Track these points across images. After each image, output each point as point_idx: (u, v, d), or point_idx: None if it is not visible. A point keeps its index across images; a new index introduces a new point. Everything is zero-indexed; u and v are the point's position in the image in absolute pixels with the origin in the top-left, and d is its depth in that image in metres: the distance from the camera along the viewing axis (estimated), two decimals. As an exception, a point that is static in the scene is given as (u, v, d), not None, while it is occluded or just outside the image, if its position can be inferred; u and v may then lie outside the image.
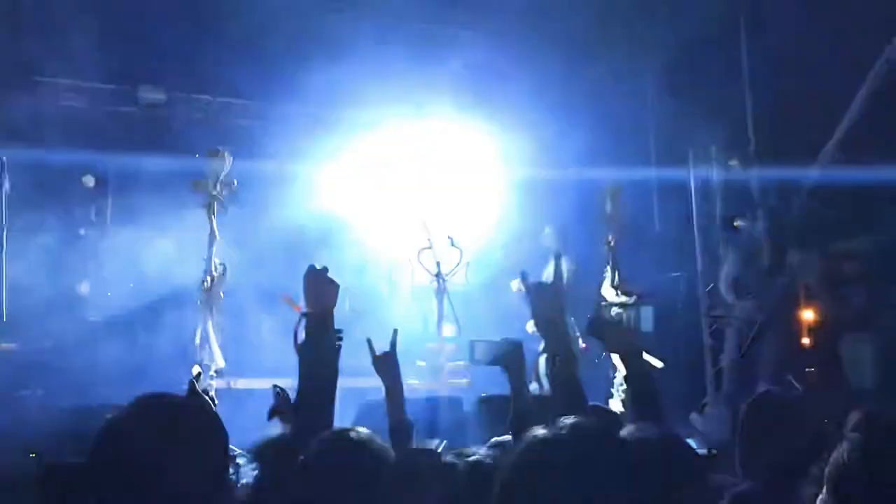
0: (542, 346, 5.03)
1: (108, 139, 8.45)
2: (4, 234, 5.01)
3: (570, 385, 2.60)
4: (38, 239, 8.41)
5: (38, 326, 7.47)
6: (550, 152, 9.05)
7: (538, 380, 6.34)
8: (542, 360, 5.95)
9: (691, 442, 2.86)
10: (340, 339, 2.64)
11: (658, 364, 6.82)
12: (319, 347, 2.58)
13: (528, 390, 3.02)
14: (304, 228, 8.23)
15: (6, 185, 6.60)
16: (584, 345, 6.05)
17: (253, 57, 8.02)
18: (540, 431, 1.52)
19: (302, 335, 2.58)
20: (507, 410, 2.80)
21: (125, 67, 8.30)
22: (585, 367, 4.15)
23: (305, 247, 8.10)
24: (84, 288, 7.96)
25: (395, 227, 8.06)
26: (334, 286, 2.65)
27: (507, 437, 2.70)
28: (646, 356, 6.66)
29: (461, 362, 6.68)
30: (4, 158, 5.87)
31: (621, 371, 6.56)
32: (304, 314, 2.59)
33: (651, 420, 2.50)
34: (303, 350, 2.58)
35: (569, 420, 1.53)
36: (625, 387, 6.57)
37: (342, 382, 7.13)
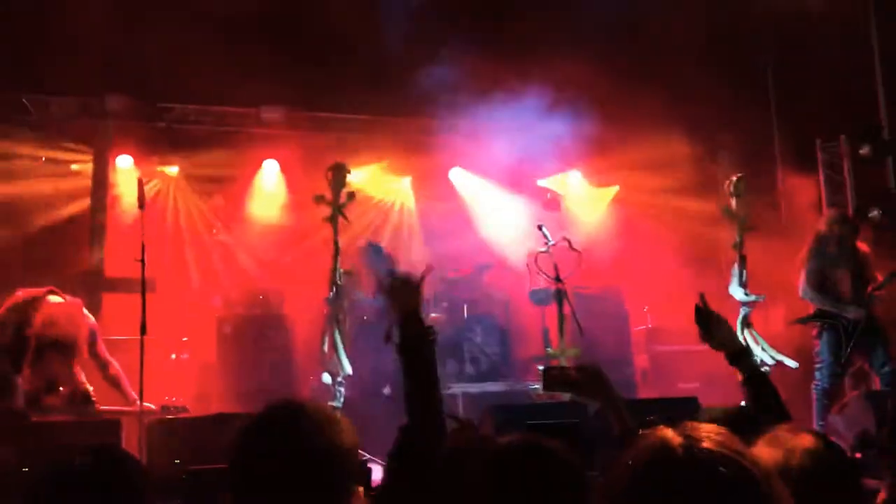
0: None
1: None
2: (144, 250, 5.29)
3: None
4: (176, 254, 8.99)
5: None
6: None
7: None
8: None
9: None
10: (434, 334, 2.62)
11: (793, 364, 6.55)
12: (416, 347, 2.53)
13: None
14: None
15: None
16: None
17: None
18: None
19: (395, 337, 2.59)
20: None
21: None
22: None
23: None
24: (217, 301, 8.35)
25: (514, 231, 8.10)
26: (417, 286, 2.61)
27: None
28: (780, 356, 6.43)
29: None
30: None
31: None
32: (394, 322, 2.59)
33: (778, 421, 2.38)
34: (403, 350, 2.58)
35: None
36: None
37: (466, 388, 7.18)
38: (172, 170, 9.31)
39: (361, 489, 1.83)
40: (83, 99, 8.70)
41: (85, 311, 5.88)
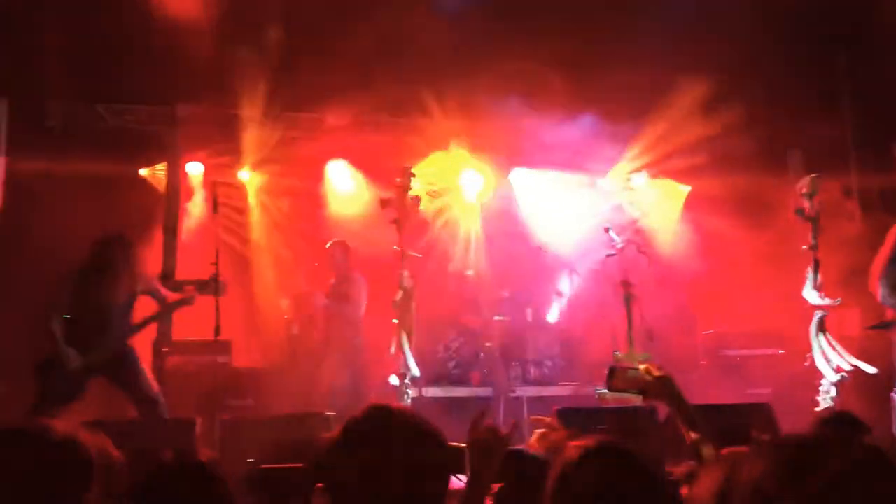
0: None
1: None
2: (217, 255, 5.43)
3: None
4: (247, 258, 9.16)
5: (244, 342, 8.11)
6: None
7: None
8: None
9: None
10: None
11: (871, 370, 6.33)
12: None
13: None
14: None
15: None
16: None
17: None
18: None
19: None
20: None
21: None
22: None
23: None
24: (284, 304, 8.48)
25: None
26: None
27: None
28: (857, 361, 6.23)
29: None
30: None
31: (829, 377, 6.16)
32: None
33: None
34: None
35: None
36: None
37: (530, 391, 7.13)
38: (242, 175, 9.51)
39: None
40: (155, 107, 8.96)
41: None
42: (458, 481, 2.48)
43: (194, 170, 9.21)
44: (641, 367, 2.80)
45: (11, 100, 7.79)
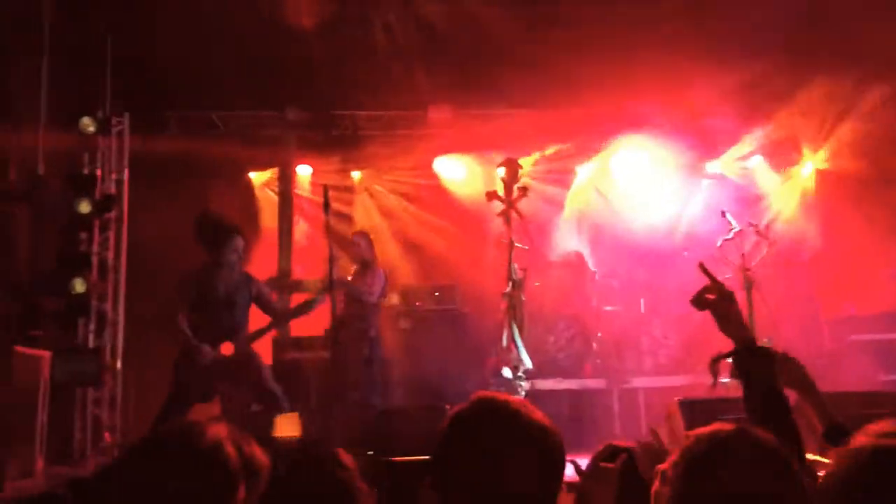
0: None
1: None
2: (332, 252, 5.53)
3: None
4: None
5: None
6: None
7: None
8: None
9: None
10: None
11: None
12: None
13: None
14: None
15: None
16: None
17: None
18: None
19: None
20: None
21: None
22: None
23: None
24: (395, 298, 8.59)
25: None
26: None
27: None
28: None
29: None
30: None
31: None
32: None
33: None
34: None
35: None
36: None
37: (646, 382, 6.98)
38: (354, 175, 9.72)
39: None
40: (265, 113, 9.26)
41: None
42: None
43: (304, 171, 9.48)
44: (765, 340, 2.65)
45: (133, 112, 8.19)
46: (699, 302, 2.39)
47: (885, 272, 7.80)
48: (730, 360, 2.44)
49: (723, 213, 6.56)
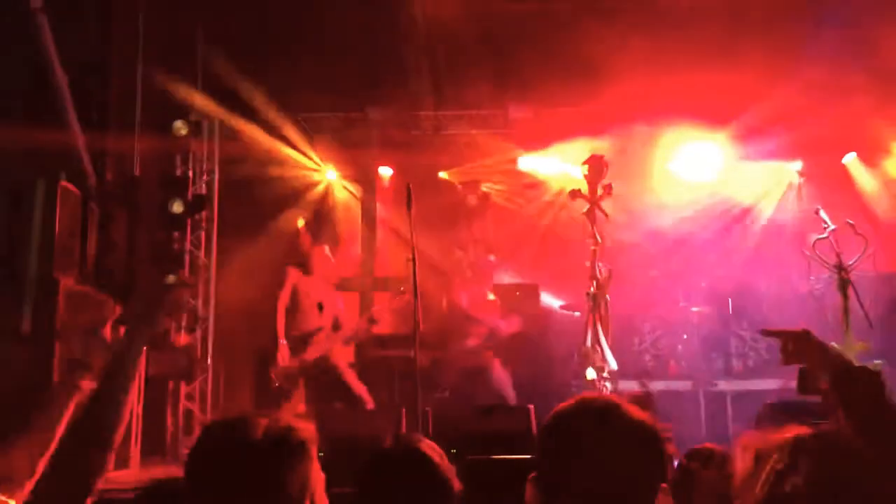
0: None
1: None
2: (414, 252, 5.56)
3: None
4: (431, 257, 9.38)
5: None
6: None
7: None
8: None
9: None
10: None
11: None
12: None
13: None
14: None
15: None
16: None
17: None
18: None
19: None
20: None
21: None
22: None
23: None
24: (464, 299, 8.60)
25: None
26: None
27: None
28: None
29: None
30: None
31: None
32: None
33: None
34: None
35: None
36: None
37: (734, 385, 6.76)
38: (426, 173, 9.77)
39: None
40: (348, 114, 9.40)
41: None
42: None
43: (386, 171, 9.59)
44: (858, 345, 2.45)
45: (223, 117, 8.44)
46: (787, 358, 2.30)
47: None
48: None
49: (816, 211, 6.30)
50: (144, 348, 2.13)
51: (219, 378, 8.26)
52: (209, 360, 8.11)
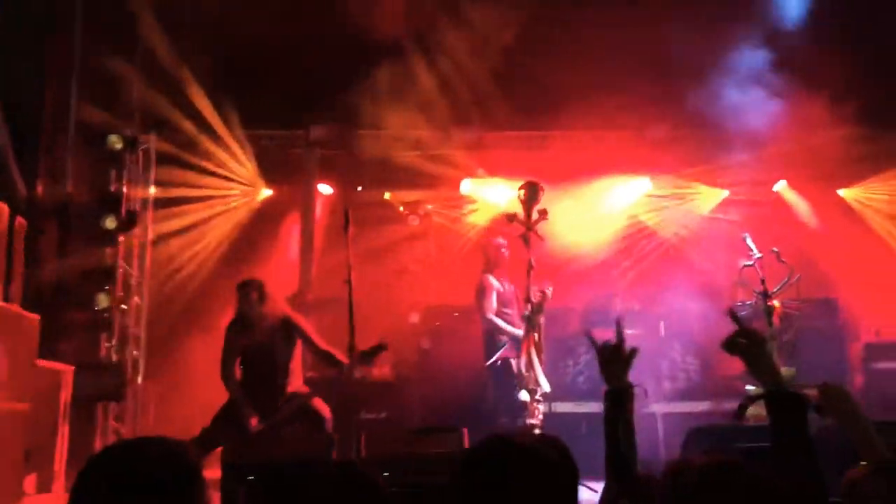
0: None
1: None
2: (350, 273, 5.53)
3: None
4: (372, 272, 9.38)
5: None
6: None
7: None
8: None
9: None
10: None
11: None
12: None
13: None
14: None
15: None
16: None
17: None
18: None
19: None
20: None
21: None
22: None
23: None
24: (415, 317, 8.62)
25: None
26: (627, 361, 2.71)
27: None
28: None
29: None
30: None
31: None
32: None
33: None
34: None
35: None
36: None
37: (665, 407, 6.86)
38: (371, 193, 9.78)
39: None
40: (290, 131, 9.36)
41: None
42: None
43: (326, 190, 9.56)
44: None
45: (159, 132, 8.33)
46: (731, 346, 2.40)
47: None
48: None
49: (744, 238, 6.50)
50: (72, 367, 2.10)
51: (149, 398, 8.09)
52: (140, 380, 7.94)
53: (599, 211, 9.59)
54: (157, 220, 8.41)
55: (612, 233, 9.48)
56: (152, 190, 8.33)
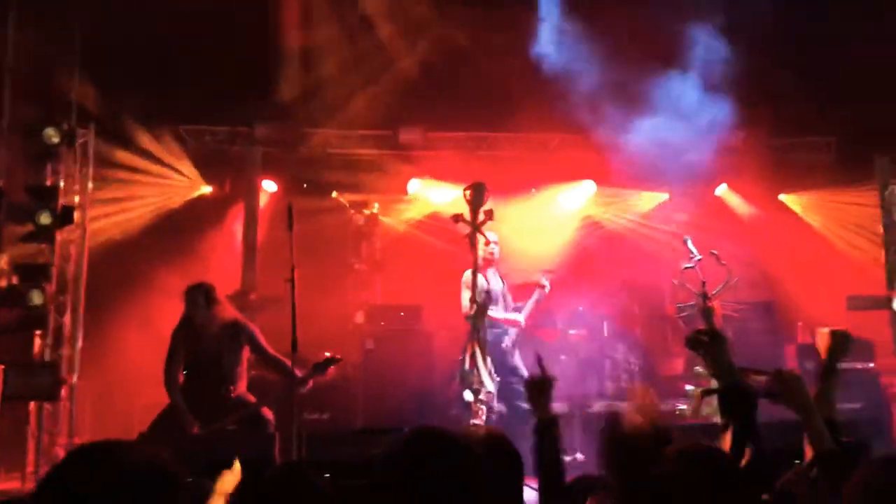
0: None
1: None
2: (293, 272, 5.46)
3: None
4: (316, 275, 9.29)
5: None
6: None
7: None
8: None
9: None
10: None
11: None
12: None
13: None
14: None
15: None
16: None
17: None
18: None
19: None
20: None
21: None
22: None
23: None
24: (360, 317, 8.56)
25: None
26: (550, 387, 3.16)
27: None
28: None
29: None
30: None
31: None
32: None
33: None
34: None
35: None
36: None
37: (607, 406, 6.93)
38: (313, 192, 9.69)
39: None
40: (233, 128, 9.23)
41: None
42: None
43: (270, 187, 9.45)
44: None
45: (98, 125, 8.11)
46: (694, 343, 2.49)
47: (839, 299, 7.95)
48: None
49: (684, 241, 6.62)
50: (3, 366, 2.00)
51: (85, 398, 7.88)
52: (75, 380, 7.72)
53: (544, 213, 9.68)
54: (94, 217, 8.19)
55: (556, 236, 9.59)
56: (90, 185, 8.09)
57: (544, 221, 9.60)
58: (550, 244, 9.36)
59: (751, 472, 2.26)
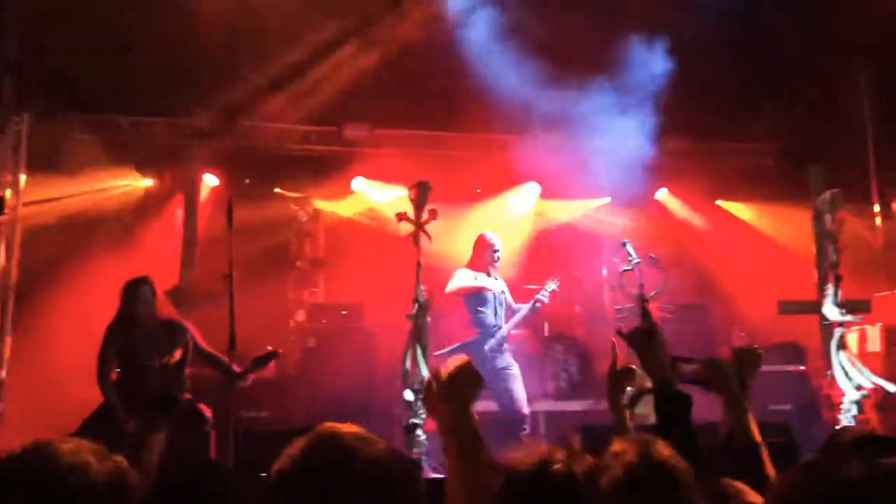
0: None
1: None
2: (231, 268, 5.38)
3: None
4: (258, 271, 9.18)
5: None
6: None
7: None
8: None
9: None
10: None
11: (892, 388, 6.25)
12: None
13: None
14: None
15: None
16: None
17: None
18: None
19: None
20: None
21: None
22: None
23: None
24: (301, 315, 8.50)
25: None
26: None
27: None
28: (878, 379, 6.13)
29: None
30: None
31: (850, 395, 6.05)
32: None
33: None
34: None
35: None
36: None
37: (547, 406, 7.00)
38: (256, 187, 9.57)
39: None
40: (174, 120, 9.04)
41: None
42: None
43: (211, 181, 9.29)
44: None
45: (31, 114, 7.88)
46: (632, 339, 2.49)
47: (773, 304, 8.16)
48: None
49: (623, 244, 6.74)
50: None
51: (14, 395, 7.64)
52: (3, 376, 7.48)
53: (489, 214, 9.72)
54: (27, 207, 7.94)
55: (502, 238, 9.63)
56: (22, 175, 7.84)
57: (489, 222, 9.64)
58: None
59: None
